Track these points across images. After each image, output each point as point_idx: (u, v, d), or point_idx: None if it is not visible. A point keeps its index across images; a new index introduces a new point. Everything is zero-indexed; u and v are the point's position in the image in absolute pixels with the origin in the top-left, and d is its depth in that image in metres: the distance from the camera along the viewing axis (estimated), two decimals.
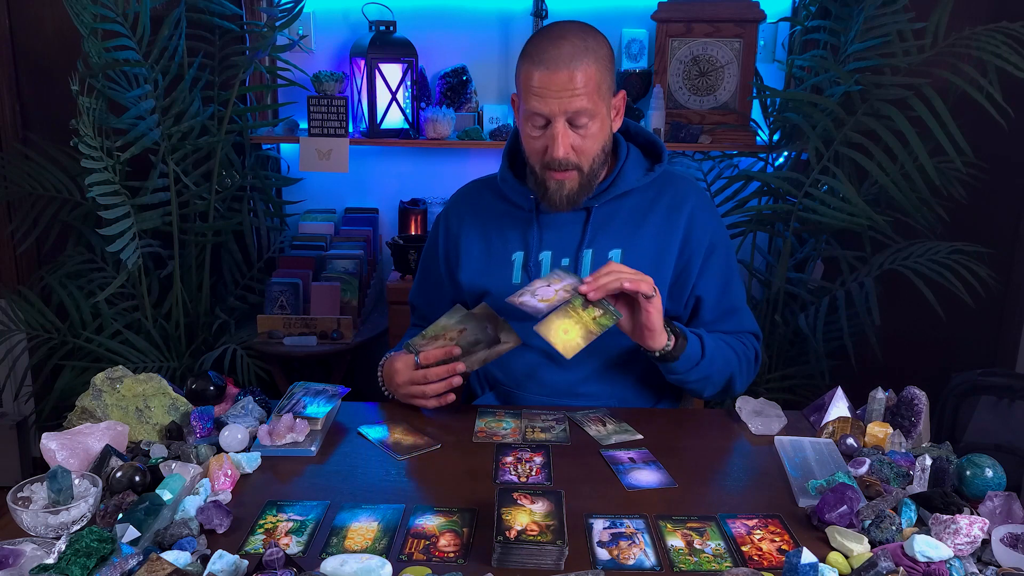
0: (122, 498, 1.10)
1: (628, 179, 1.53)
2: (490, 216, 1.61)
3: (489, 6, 2.69)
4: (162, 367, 2.57)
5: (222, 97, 2.59)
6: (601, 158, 1.48)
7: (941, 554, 0.96)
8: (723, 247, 1.57)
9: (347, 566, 0.96)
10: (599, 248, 1.52)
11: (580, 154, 1.44)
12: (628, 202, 1.54)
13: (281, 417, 1.33)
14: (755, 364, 1.60)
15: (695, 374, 1.47)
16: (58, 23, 2.69)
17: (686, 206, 1.54)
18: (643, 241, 1.52)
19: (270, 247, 2.81)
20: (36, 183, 2.65)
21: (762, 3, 2.54)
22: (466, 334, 1.45)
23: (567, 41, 1.39)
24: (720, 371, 1.51)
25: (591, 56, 1.39)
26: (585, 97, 1.39)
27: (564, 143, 1.41)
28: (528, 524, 1.04)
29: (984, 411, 2.37)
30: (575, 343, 1.29)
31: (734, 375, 1.53)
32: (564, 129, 1.41)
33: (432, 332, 1.46)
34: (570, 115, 1.40)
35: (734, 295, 1.58)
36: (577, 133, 1.42)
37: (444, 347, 1.45)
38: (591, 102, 1.40)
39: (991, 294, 2.48)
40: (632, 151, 1.57)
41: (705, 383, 1.51)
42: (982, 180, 2.48)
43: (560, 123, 1.40)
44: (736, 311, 1.58)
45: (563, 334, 1.29)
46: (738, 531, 1.09)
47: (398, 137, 2.62)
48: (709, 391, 1.54)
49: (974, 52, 2.26)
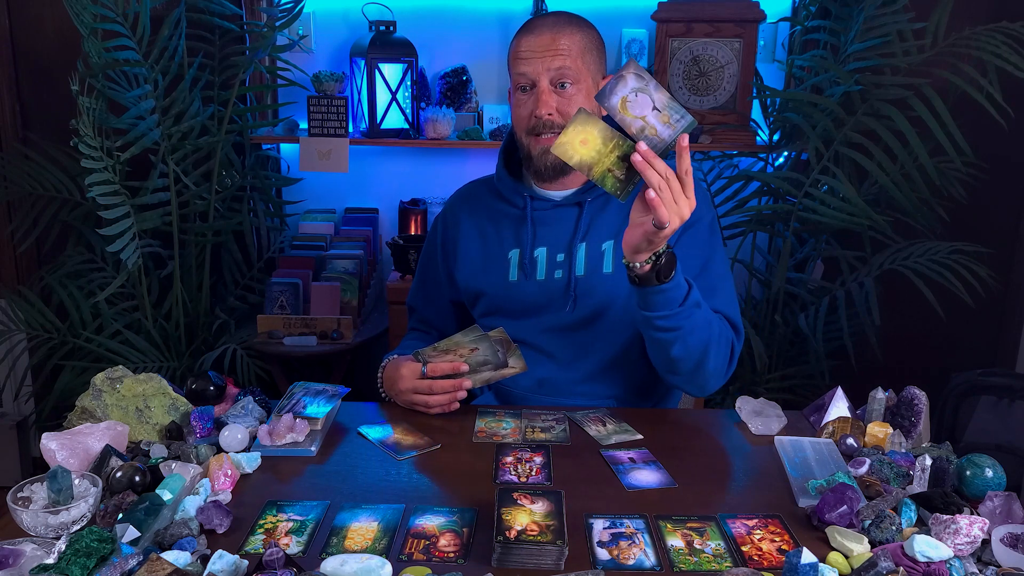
0: (122, 498, 1.10)
1: None
2: (487, 215, 1.61)
3: (489, 6, 2.70)
4: (162, 367, 2.57)
5: (222, 97, 2.59)
6: None
7: (941, 554, 0.96)
8: (706, 226, 1.52)
9: (347, 566, 0.96)
10: (592, 241, 1.53)
11: (563, 116, 1.46)
12: None
13: (281, 417, 1.33)
14: (730, 356, 1.47)
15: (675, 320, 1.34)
16: (58, 23, 2.69)
17: None
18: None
19: (270, 247, 2.81)
20: (36, 183, 2.65)
21: (762, 3, 2.54)
22: (477, 353, 1.44)
23: (554, 15, 1.51)
24: (700, 328, 1.38)
25: (576, 26, 1.48)
26: (567, 57, 1.45)
27: (547, 101, 1.46)
28: (528, 524, 1.04)
29: (984, 411, 2.38)
30: (587, 156, 1.20)
31: (709, 346, 1.40)
32: (547, 88, 1.46)
33: (444, 346, 1.44)
34: (553, 74, 1.45)
35: (713, 276, 1.49)
36: (560, 95, 1.47)
37: (452, 362, 1.45)
38: (574, 64, 1.45)
39: (991, 294, 2.48)
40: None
41: (677, 334, 1.36)
42: (982, 180, 2.48)
43: (544, 82, 1.46)
44: (713, 292, 1.47)
45: (580, 146, 1.20)
46: (738, 531, 1.09)
47: (398, 137, 2.62)
48: (679, 350, 1.38)
49: (974, 52, 2.26)
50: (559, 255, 1.54)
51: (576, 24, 1.48)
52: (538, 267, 1.54)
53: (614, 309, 1.51)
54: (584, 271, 1.52)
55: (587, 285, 1.51)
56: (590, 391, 1.55)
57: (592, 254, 1.52)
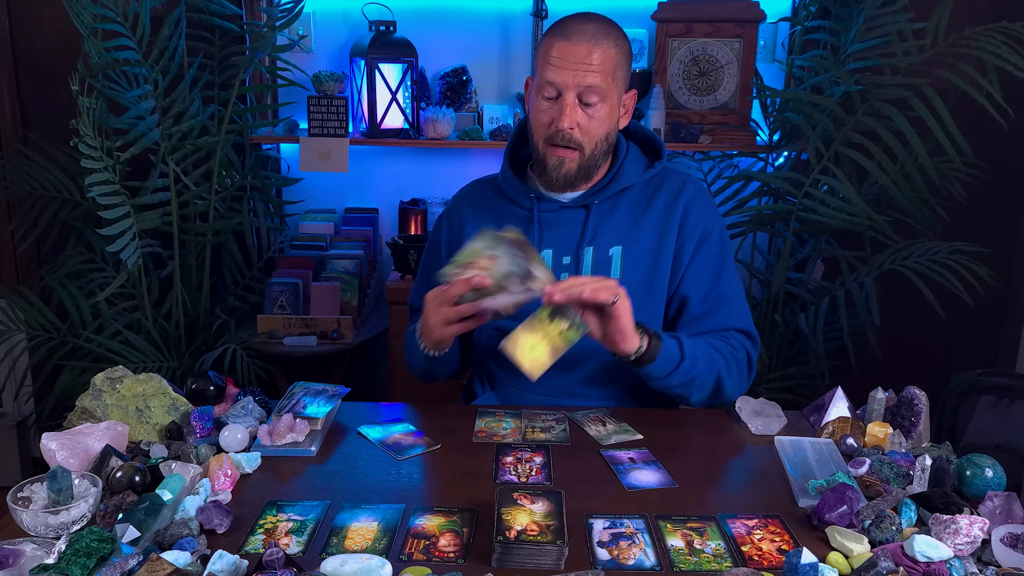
0: (122, 498, 1.10)
1: (628, 175, 1.54)
2: (492, 215, 1.61)
3: (489, 6, 2.70)
4: (162, 367, 2.57)
5: (222, 97, 2.59)
6: (604, 146, 1.49)
7: (941, 554, 0.96)
8: (717, 238, 1.55)
9: (347, 566, 0.96)
10: (600, 245, 1.52)
11: (584, 133, 1.45)
12: (627, 198, 1.55)
13: (281, 417, 1.33)
14: (748, 367, 1.53)
15: (677, 377, 1.43)
16: (58, 23, 2.69)
17: (682, 197, 1.54)
18: (642, 236, 1.52)
19: (270, 247, 2.81)
20: (36, 183, 2.66)
21: (762, 3, 2.54)
22: (499, 263, 1.33)
23: (593, 22, 1.44)
24: (705, 373, 1.46)
25: (612, 40, 1.43)
26: (599, 75, 1.41)
27: (571, 115, 1.44)
28: (528, 524, 1.04)
29: (984, 411, 2.38)
30: (542, 361, 1.28)
31: (722, 377, 1.48)
32: (574, 102, 1.43)
33: (463, 259, 1.35)
34: (582, 90, 1.42)
35: (724, 286, 1.53)
36: (585, 112, 1.45)
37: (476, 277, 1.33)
38: (604, 82, 1.42)
39: (991, 294, 2.48)
40: (632, 149, 1.57)
41: (690, 387, 1.46)
42: (982, 180, 2.48)
43: (571, 95, 1.43)
44: (725, 302, 1.52)
45: (530, 351, 1.28)
46: (738, 531, 1.09)
47: (398, 137, 2.62)
48: (697, 396, 1.48)
49: (974, 52, 2.26)
50: (565, 258, 1.53)
51: (614, 37, 1.44)
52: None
53: None
54: (591, 275, 1.52)
55: None
56: (591, 393, 1.55)
57: (600, 259, 1.52)
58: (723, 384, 1.48)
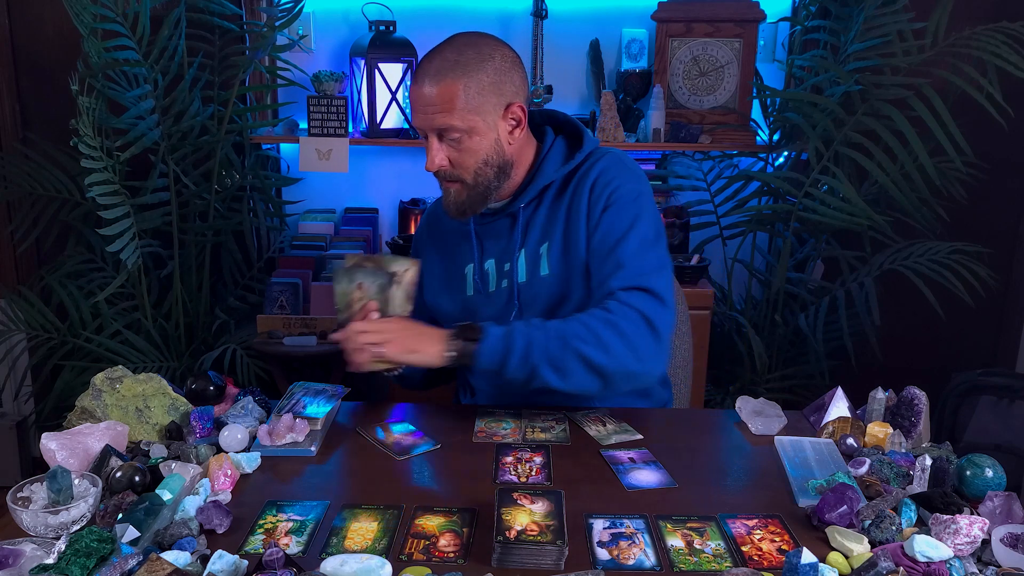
0: (122, 498, 1.10)
1: (547, 173, 1.51)
2: (444, 233, 1.62)
3: (489, 6, 2.69)
4: (162, 367, 2.57)
5: (222, 97, 2.59)
6: (490, 171, 1.45)
7: (941, 554, 0.96)
8: (628, 202, 1.46)
9: (347, 566, 0.96)
10: (530, 246, 1.51)
11: (457, 167, 1.43)
12: (549, 195, 1.52)
13: (281, 417, 1.33)
14: (649, 328, 1.36)
15: (514, 371, 1.35)
16: (58, 23, 2.68)
17: (592, 173, 1.49)
18: (559, 227, 1.49)
19: (270, 247, 2.81)
20: (36, 183, 2.65)
21: (762, 3, 2.54)
22: (367, 287, 1.42)
23: (439, 56, 1.41)
24: (558, 356, 1.34)
25: (458, 72, 1.38)
26: (447, 114, 1.38)
27: (432, 157, 1.43)
28: (528, 524, 1.04)
29: (984, 411, 2.38)
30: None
31: (588, 354, 1.33)
32: (436, 144, 1.42)
33: (341, 305, 1.44)
34: (438, 131, 1.41)
35: (624, 249, 1.42)
36: (453, 147, 1.42)
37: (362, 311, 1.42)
38: (457, 118, 1.38)
39: (991, 294, 2.48)
40: (556, 144, 1.54)
41: (544, 374, 1.35)
42: (982, 180, 2.48)
43: (432, 138, 1.42)
44: (622, 266, 1.41)
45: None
46: (738, 531, 1.09)
47: (398, 137, 2.62)
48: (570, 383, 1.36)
49: (974, 52, 2.26)
50: (506, 265, 1.54)
51: (460, 67, 1.38)
52: (490, 279, 1.55)
53: (564, 309, 1.48)
54: (525, 277, 1.51)
55: (529, 290, 1.50)
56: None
57: (531, 259, 1.51)
58: (596, 359, 1.34)
